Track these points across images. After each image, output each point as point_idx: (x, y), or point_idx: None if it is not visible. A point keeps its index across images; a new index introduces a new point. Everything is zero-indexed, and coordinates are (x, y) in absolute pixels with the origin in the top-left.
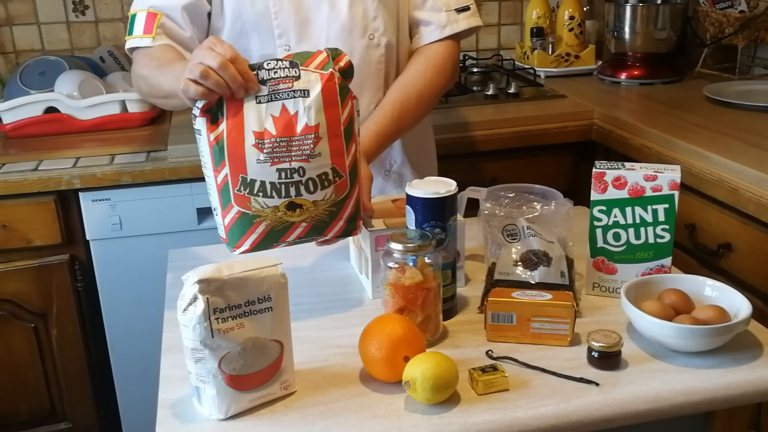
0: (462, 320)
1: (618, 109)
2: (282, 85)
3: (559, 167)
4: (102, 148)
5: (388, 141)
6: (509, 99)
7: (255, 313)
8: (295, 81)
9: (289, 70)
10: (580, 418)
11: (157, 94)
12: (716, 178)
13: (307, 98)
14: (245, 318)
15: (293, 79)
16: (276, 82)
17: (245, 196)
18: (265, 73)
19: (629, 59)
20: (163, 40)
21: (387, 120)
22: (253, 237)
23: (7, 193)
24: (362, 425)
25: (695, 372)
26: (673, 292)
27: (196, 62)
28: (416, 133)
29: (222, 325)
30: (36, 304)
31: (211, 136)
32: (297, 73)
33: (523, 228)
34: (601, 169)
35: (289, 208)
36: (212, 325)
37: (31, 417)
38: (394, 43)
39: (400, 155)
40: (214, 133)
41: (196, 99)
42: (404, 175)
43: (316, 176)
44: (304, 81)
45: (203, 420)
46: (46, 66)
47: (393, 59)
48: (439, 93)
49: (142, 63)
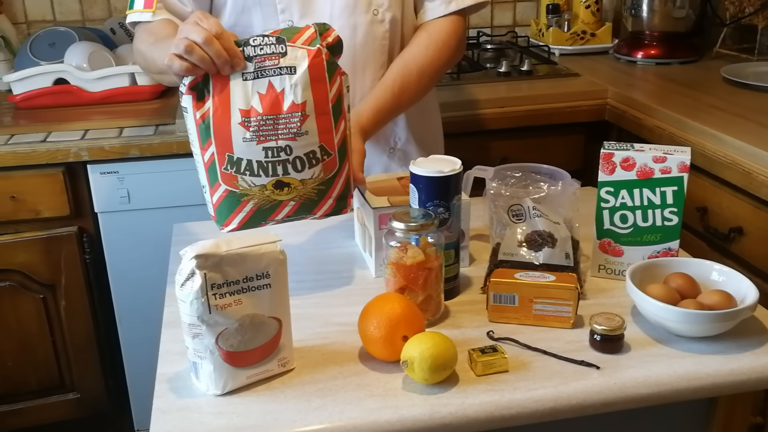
0: (464, 300)
1: (632, 89)
2: (268, 61)
3: (571, 147)
4: (110, 121)
5: (388, 117)
6: (522, 77)
7: (253, 290)
8: (282, 57)
9: (276, 47)
10: (579, 401)
11: (153, 70)
12: (729, 160)
13: (294, 75)
14: (243, 294)
15: (279, 55)
16: (262, 59)
17: (232, 174)
18: (251, 50)
19: (646, 38)
20: (163, 14)
21: (387, 96)
22: (241, 215)
23: (16, 165)
24: (359, 404)
25: (698, 357)
26: (679, 276)
27: (182, 37)
28: (421, 111)
29: (219, 301)
30: (45, 275)
31: (198, 113)
32: (284, 50)
33: (529, 208)
34: (609, 149)
35: (277, 187)
36: (209, 300)
37: (41, 386)
38: (398, 18)
39: (404, 132)
40: (200, 111)
41: (182, 75)
42: (409, 152)
43: (303, 154)
44: (291, 57)
45: (201, 395)
46: (56, 37)
47: (397, 35)
48: (442, 69)
49: (141, 38)
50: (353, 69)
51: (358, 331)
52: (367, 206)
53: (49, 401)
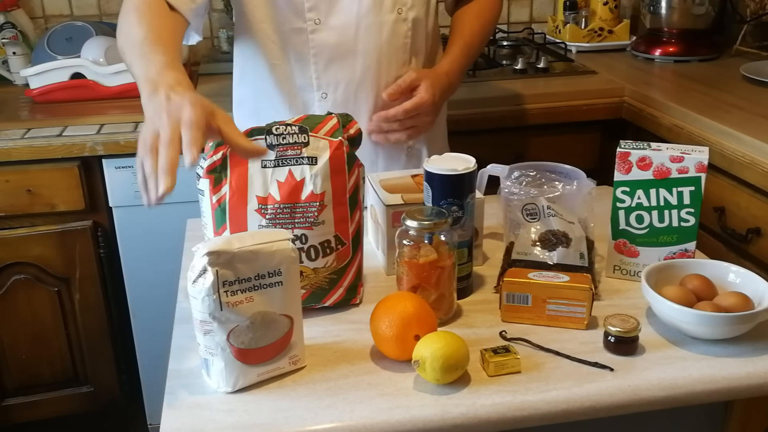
0: (477, 299)
1: (650, 87)
2: (290, 151)
3: (587, 145)
4: (126, 116)
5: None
6: (538, 74)
7: (265, 287)
8: (304, 147)
9: (298, 136)
10: (592, 404)
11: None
12: (749, 160)
13: (315, 166)
14: (255, 292)
15: (302, 145)
16: (284, 148)
17: None
18: (273, 138)
19: (664, 35)
20: None
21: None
22: None
23: (32, 158)
24: (370, 402)
25: (714, 360)
26: (695, 278)
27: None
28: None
29: (231, 298)
30: (59, 268)
31: (214, 198)
32: (306, 140)
33: (543, 207)
34: (625, 148)
35: None
36: (221, 297)
37: (54, 380)
38: (421, 17)
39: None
40: (216, 195)
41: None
42: (420, 150)
43: (318, 244)
44: (313, 148)
45: (212, 392)
46: (73, 32)
47: (421, 34)
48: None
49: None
50: (378, 66)
51: (370, 329)
52: (380, 203)
53: (63, 394)
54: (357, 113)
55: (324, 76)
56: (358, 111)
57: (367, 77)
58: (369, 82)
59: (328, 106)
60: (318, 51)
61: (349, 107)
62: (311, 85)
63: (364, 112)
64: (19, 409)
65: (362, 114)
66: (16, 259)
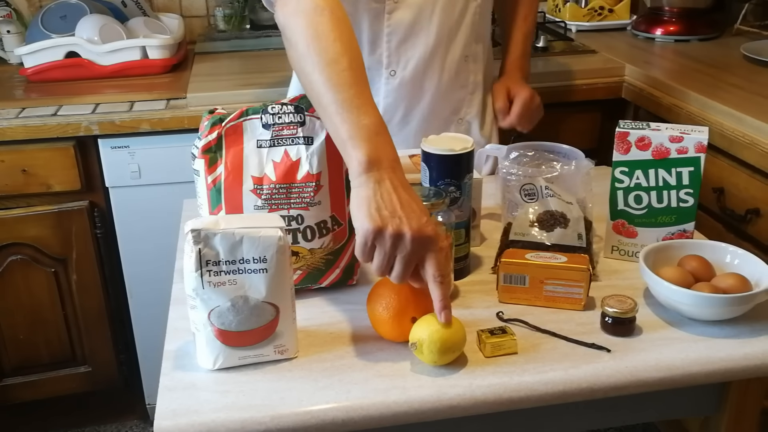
0: (474, 280)
1: (650, 67)
2: (286, 131)
3: (586, 125)
4: (121, 95)
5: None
6: (537, 53)
7: (249, 272)
8: (300, 127)
9: (294, 116)
10: (589, 384)
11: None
12: (748, 141)
13: (311, 146)
14: (238, 275)
15: (298, 125)
16: (280, 128)
17: None
18: (268, 117)
19: (665, 14)
20: None
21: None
22: None
23: (27, 138)
24: (366, 384)
25: (711, 341)
26: (693, 259)
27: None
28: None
29: (213, 278)
30: (55, 249)
31: (209, 178)
32: (302, 119)
33: (542, 188)
34: (624, 128)
35: None
36: (203, 276)
37: (52, 360)
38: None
39: (475, 106)
40: (212, 175)
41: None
42: (473, 124)
43: (314, 224)
44: (309, 127)
45: (206, 372)
46: (67, 9)
47: (486, 11)
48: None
49: (299, 33)
50: (448, 42)
51: (367, 311)
52: None
53: (61, 374)
54: (421, 91)
55: (395, 54)
56: (422, 88)
57: (436, 54)
58: (438, 59)
59: (395, 83)
60: (393, 29)
61: (415, 84)
62: (380, 63)
63: (429, 89)
64: (17, 388)
65: (426, 91)
66: (13, 240)
